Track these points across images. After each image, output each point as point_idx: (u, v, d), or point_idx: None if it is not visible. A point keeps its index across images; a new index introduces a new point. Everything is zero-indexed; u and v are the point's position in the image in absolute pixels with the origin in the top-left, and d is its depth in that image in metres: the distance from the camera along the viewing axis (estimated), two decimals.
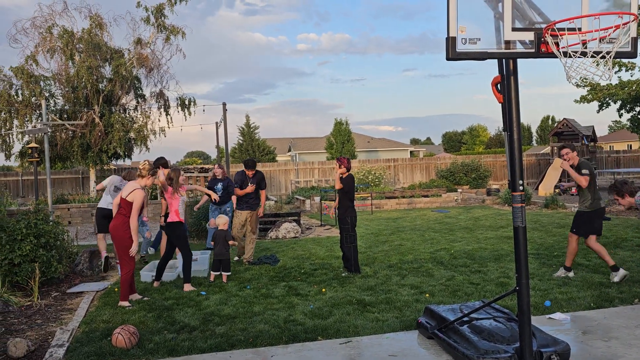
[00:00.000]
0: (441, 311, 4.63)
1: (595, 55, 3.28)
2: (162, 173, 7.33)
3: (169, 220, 6.78)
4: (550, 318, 5.01)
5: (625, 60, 18.68)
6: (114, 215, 6.19)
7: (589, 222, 6.52)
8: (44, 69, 19.59)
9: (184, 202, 6.96)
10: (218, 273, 7.07)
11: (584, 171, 6.48)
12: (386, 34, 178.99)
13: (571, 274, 6.61)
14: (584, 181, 6.42)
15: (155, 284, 6.84)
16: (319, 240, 10.64)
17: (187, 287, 6.57)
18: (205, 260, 7.66)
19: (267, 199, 16.82)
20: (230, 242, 7.15)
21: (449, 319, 4.42)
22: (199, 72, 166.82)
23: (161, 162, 8.04)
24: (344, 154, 37.11)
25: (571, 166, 6.58)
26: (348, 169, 7.32)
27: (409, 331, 4.81)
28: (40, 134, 14.31)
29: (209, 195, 8.13)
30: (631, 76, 19.51)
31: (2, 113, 18.90)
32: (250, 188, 8.27)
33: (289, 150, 50.32)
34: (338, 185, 7.30)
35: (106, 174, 22.27)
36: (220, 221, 7.30)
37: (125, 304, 5.92)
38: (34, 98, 18.97)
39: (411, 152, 51.53)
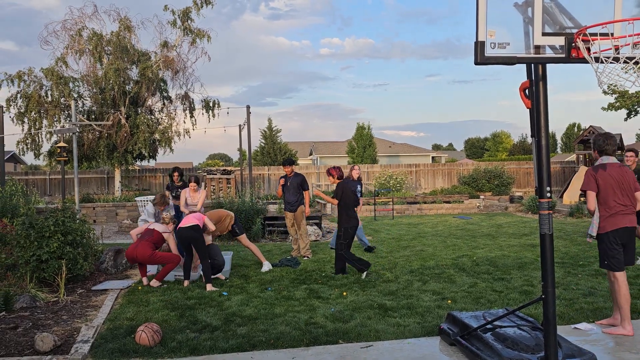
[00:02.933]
0: (464, 318, 4.59)
1: (628, 61, 3.22)
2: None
3: (191, 223, 6.95)
4: (575, 328, 4.92)
5: None
6: (137, 239, 7.22)
7: None
8: (73, 71, 20.06)
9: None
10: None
11: None
12: (410, 39, 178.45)
13: None
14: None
15: (185, 283, 6.95)
16: None
17: (209, 287, 6.66)
18: (228, 261, 7.71)
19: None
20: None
21: (471, 325, 4.37)
22: (223, 75, 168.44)
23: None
24: (366, 159, 37.03)
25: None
26: (340, 178, 7.76)
27: (431, 337, 4.77)
28: (68, 134, 14.62)
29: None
30: None
31: (33, 113, 19.37)
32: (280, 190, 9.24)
33: (310, 154, 50.43)
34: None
35: (131, 174, 22.66)
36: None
37: (157, 284, 6.88)
38: (62, 99, 19.40)
39: (433, 157, 51.19)
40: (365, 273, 7.30)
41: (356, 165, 9.82)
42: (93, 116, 20.03)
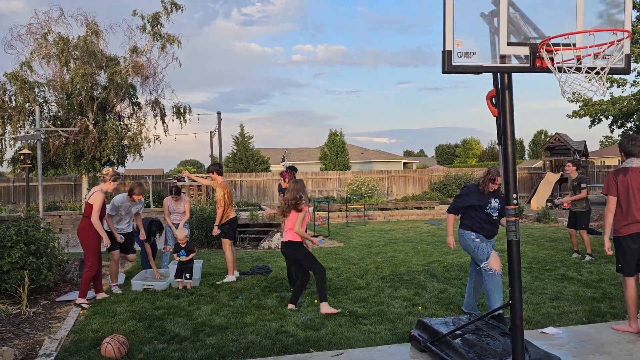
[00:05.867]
0: (434, 324, 4.61)
1: (589, 71, 3.31)
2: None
3: (285, 239, 6.02)
4: (542, 332, 5.01)
5: (616, 77, 18.88)
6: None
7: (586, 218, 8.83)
8: (39, 76, 19.54)
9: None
10: (181, 280, 7.17)
11: (583, 185, 8.75)
12: (382, 46, 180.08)
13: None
14: (584, 194, 8.76)
15: (290, 306, 6.02)
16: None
17: (324, 307, 5.78)
18: (198, 270, 7.60)
19: (260, 208, 16.77)
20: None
21: (441, 332, 4.40)
22: (194, 81, 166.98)
23: (215, 169, 8.00)
24: (338, 165, 37.17)
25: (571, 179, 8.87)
26: None
27: (401, 344, 4.78)
28: (33, 140, 14.25)
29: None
30: (622, 92, 19.69)
31: None
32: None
33: (283, 160, 50.31)
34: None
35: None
36: (182, 235, 7.39)
37: (82, 301, 6.25)
38: (27, 104, 18.89)
39: (404, 164, 51.71)
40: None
41: (494, 168, 5.50)
42: (59, 122, 19.55)
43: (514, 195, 3.72)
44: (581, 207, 8.83)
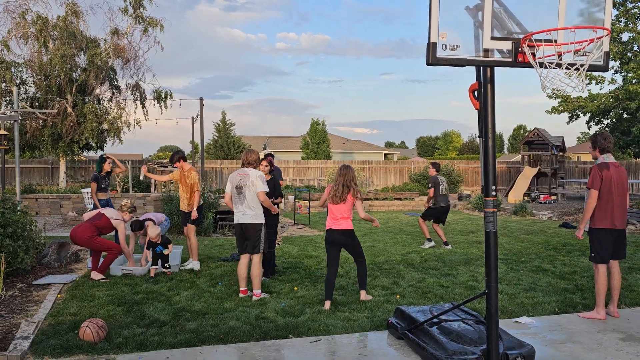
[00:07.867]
0: (411, 312, 4.70)
1: (569, 67, 3.38)
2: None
3: (342, 227, 5.70)
4: (516, 321, 5.14)
5: (595, 74, 19.20)
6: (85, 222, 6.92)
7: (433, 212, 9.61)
8: (16, 55, 19.08)
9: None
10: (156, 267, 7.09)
11: (430, 185, 9.48)
12: (365, 37, 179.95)
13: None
14: (431, 192, 9.46)
15: (326, 304, 5.62)
16: (292, 239, 10.65)
17: (364, 294, 5.88)
18: (178, 256, 7.59)
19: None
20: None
21: (419, 320, 4.49)
22: (176, 66, 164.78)
23: (180, 156, 7.78)
24: (319, 155, 37.22)
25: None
26: (271, 171, 7.23)
27: (379, 331, 4.86)
28: (9, 121, 13.97)
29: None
30: (600, 89, 20.05)
31: None
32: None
33: (264, 148, 50.12)
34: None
35: (77, 164, 21.84)
36: (153, 233, 7.08)
37: (99, 277, 6.71)
38: (4, 84, 18.46)
39: (385, 155, 51.94)
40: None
41: None
42: (37, 104, 19.16)
43: (493, 187, 3.80)
44: (434, 202, 9.60)
